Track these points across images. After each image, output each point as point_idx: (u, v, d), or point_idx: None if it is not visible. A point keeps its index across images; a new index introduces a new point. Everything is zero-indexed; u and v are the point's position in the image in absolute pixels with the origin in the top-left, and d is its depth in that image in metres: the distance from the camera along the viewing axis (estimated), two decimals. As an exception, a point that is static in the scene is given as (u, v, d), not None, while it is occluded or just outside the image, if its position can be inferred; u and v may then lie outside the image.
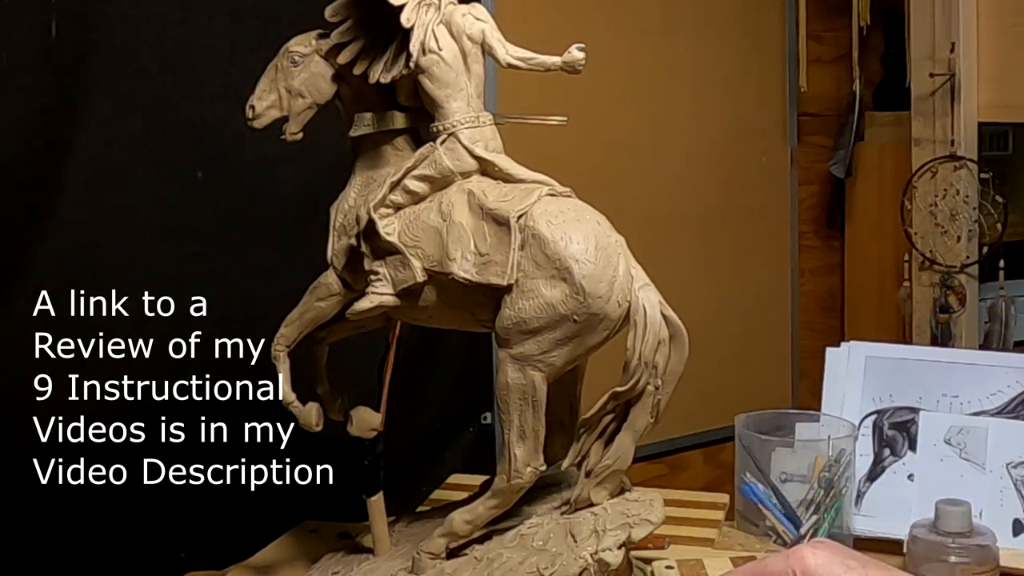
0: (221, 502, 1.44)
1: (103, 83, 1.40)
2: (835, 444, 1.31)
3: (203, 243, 1.49)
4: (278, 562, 1.23)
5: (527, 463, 1.00)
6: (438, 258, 1.01)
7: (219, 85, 1.44)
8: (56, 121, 1.36)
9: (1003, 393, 1.42)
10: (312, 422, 1.12)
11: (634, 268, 0.99)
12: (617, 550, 0.99)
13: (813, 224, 2.85)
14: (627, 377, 0.97)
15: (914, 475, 1.42)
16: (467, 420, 1.94)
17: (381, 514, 1.15)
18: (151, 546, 1.39)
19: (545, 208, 0.99)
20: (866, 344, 1.50)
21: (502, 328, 0.99)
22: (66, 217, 1.37)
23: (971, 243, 2.43)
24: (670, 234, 2.45)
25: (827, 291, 2.87)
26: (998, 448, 1.38)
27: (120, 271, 1.42)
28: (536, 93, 1.56)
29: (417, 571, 1.06)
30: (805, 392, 2.70)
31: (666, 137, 2.48)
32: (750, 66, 2.64)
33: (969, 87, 2.38)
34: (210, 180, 1.50)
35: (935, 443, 1.41)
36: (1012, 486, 1.37)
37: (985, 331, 2.48)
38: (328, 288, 1.09)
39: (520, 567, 1.00)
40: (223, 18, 1.51)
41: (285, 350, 1.11)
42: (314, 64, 1.07)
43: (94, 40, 1.39)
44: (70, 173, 1.37)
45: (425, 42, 1.02)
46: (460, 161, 1.04)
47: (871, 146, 2.74)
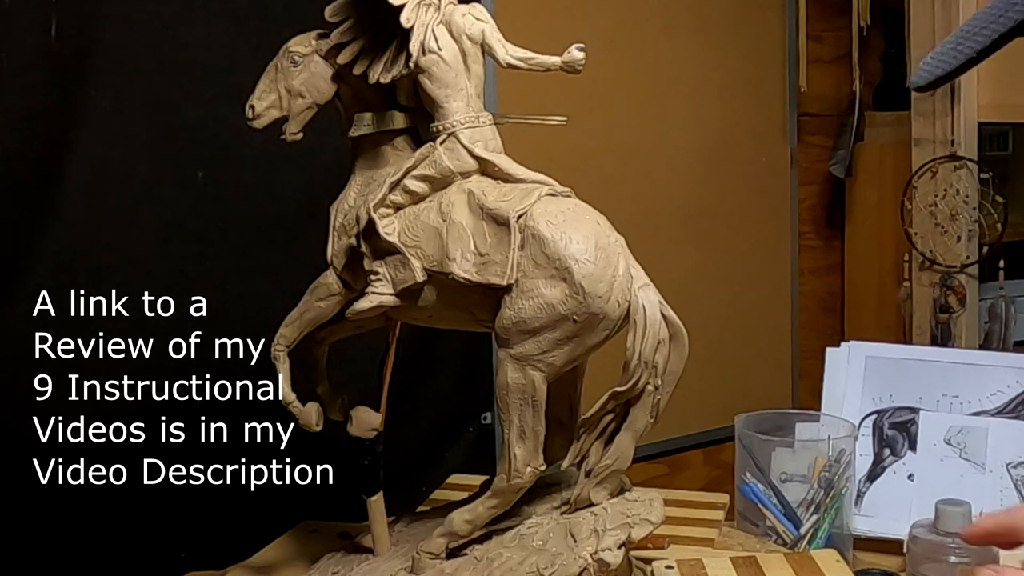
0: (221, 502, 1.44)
1: (103, 83, 1.40)
2: (835, 444, 1.31)
3: (203, 243, 1.49)
4: (278, 562, 1.23)
5: (527, 463, 1.00)
6: (438, 258, 1.01)
7: (219, 85, 1.44)
8: (56, 121, 1.36)
9: (1003, 393, 1.42)
10: (312, 422, 1.12)
11: (634, 268, 0.99)
12: (617, 550, 0.99)
13: (813, 224, 2.85)
14: (627, 377, 0.97)
15: (914, 475, 1.42)
16: (467, 420, 1.93)
17: (381, 514, 1.16)
18: (151, 546, 1.39)
19: (545, 208, 0.99)
20: (866, 344, 1.50)
21: (502, 328, 0.99)
22: (66, 217, 1.37)
23: (971, 243, 2.43)
24: (670, 234, 2.45)
25: (827, 291, 2.87)
26: (998, 448, 1.38)
27: (120, 271, 1.42)
28: (536, 93, 1.55)
29: (417, 571, 1.06)
30: (805, 392, 2.70)
31: (666, 137, 2.48)
32: (750, 66, 2.64)
33: (969, 87, 2.38)
34: (210, 180, 1.50)
35: (935, 443, 1.41)
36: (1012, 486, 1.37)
37: (985, 331, 2.47)
38: (328, 288, 1.09)
39: (520, 567, 1.00)
40: (223, 18, 1.51)
41: (285, 350, 1.11)
42: (314, 64, 1.07)
43: (94, 40, 1.39)
44: (70, 173, 1.37)
45: (425, 42, 1.02)
46: (460, 161, 1.04)
47: (871, 146, 2.74)
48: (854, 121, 2.71)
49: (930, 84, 0.51)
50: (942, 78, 0.51)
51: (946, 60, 0.51)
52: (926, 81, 0.51)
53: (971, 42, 0.50)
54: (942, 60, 0.51)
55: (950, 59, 0.50)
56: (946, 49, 0.51)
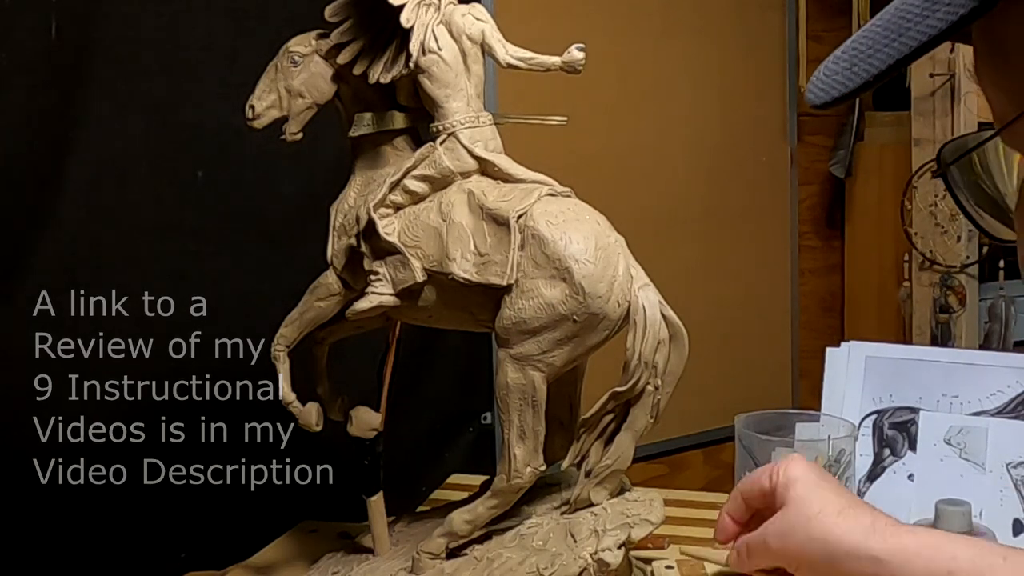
0: (221, 502, 1.44)
1: (103, 83, 1.39)
2: (835, 444, 1.31)
3: (203, 243, 1.49)
4: (278, 562, 1.23)
5: (527, 463, 1.00)
6: (438, 258, 1.01)
7: (219, 85, 1.44)
8: (56, 121, 1.36)
9: (1003, 393, 1.42)
10: (312, 422, 1.12)
11: (634, 268, 0.99)
12: (617, 550, 0.99)
13: (813, 224, 2.85)
14: (627, 377, 0.97)
15: (914, 475, 1.42)
16: (467, 420, 1.93)
17: (381, 514, 1.15)
18: (151, 546, 1.39)
19: (545, 208, 0.99)
20: (866, 344, 1.50)
21: (502, 328, 0.99)
22: (66, 217, 1.37)
23: (971, 243, 2.43)
24: (670, 234, 2.45)
25: (827, 291, 2.87)
26: (998, 448, 1.38)
27: (120, 271, 1.42)
28: (536, 93, 1.55)
29: (417, 571, 1.06)
30: (805, 392, 2.70)
31: (666, 137, 2.48)
32: (750, 66, 2.64)
33: (969, 87, 2.39)
34: (210, 180, 1.49)
35: (935, 443, 1.41)
36: (1012, 486, 1.37)
37: (985, 331, 2.48)
38: (328, 288, 1.09)
39: (520, 567, 1.00)
40: (223, 18, 1.50)
41: (285, 350, 1.11)
42: (314, 64, 1.07)
43: (94, 40, 1.39)
44: (70, 173, 1.37)
45: (425, 42, 1.02)
46: (460, 161, 1.04)
47: (871, 146, 2.74)
48: (854, 121, 2.72)
49: (826, 104, 0.51)
50: (838, 99, 0.50)
51: (841, 81, 0.50)
52: (821, 101, 0.51)
53: (867, 64, 0.49)
54: (837, 81, 0.50)
55: (845, 80, 0.50)
56: (840, 68, 0.50)
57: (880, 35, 0.49)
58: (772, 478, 0.79)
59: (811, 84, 0.52)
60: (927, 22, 0.45)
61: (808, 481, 0.76)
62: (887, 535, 0.70)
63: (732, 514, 0.85)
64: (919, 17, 0.46)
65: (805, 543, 0.72)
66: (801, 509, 0.74)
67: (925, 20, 0.46)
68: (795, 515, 0.74)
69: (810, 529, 0.72)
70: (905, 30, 0.47)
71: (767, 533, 0.77)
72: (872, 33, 0.49)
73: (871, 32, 0.50)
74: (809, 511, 0.73)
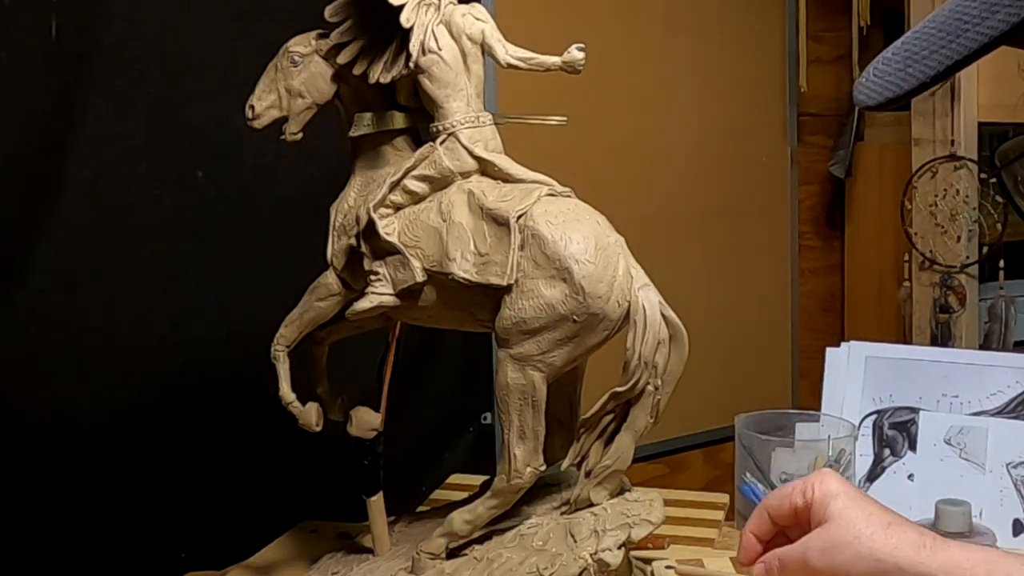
0: (221, 502, 1.44)
1: (103, 83, 1.39)
2: (835, 444, 1.31)
3: (203, 243, 1.49)
4: (278, 562, 1.23)
5: (527, 463, 1.00)
6: (438, 258, 1.01)
7: (219, 85, 1.44)
8: (56, 121, 1.36)
9: (1003, 393, 1.42)
10: (312, 422, 1.12)
11: (634, 268, 0.99)
12: (617, 550, 0.99)
13: (813, 224, 2.85)
14: (627, 377, 0.97)
15: (914, 475, 1.42)
16: (467, 420, 1.94)
17: (381, 514, 1.15)
18: (151, 546, 1.39)
19: (545, 208, 0.99)
20: (866, 344, 1.50)
21: (502, 328, 0.99)
22: (66, 217, 1.37)
23: (971, 243, 2.43)
24: (670, 234, 2.45)
25: (827, 291, 2.87)
26: (998, 448, 1.38)
27: (120, 271, 1.42)
28: (536, 93, 1.56)
29: (417, 571, 1.06)
30: (805, 392, 2.70)
31: (666, 137, 2.48)
32: (750, 66, 2.64)
33: (969, 87, 2.39)
34: (210, 180, 1.49)
35: (935, 443, 1.41)
36: (1012, 486, 1.37)
37: (985, 331, 2.48)
38: (328, 288, 1.09)
39: (520, 567, 1.00)
40: (223, 18, 1.50)
41: (285, 350, 1.11)
42: (314, 64, 1.07)
43: (94, 40, 1.39)
44: (70, 173, 1.37)
45: (425, 42, 1.02)
46: (460, 161, 1.04)
47: (871, 146, 2.74)
48: (854, 121, 2.72)
49: (880, 105, 0.50)
50: (892, 100, 0.50)
51: (894, 82, 0.49)
52: (875, 102, 0.50)
53: (922, 65, 0.48)
54: (890, 82, 0.49)
55: (899, 80, 0.49)
56: (893, 69, 0.49)
57: (935, 36, 0.48)
58: (807, 494, 0.77)
59: (860, 85, 0.52)
60: (987, 23, 0.45)
61: (848, 495, 0.75)
62: (937, 550, 0.69)
63: (757, 532, 0.82)
64: (978, 19, 0.45)
65: (853, 560, 0.71)
66: (846, 525, 0.72)
67: (985, 22, 0.45)
68: (839, 531, 0.73)
69: (858, 546, 0.71)
70: (963, 31, 0.46)
71: (808, 548, 0.75)
72: (926, 34, 0.49)
73: (925, 33, 0.49)
74: (855, 527, 0.72)
